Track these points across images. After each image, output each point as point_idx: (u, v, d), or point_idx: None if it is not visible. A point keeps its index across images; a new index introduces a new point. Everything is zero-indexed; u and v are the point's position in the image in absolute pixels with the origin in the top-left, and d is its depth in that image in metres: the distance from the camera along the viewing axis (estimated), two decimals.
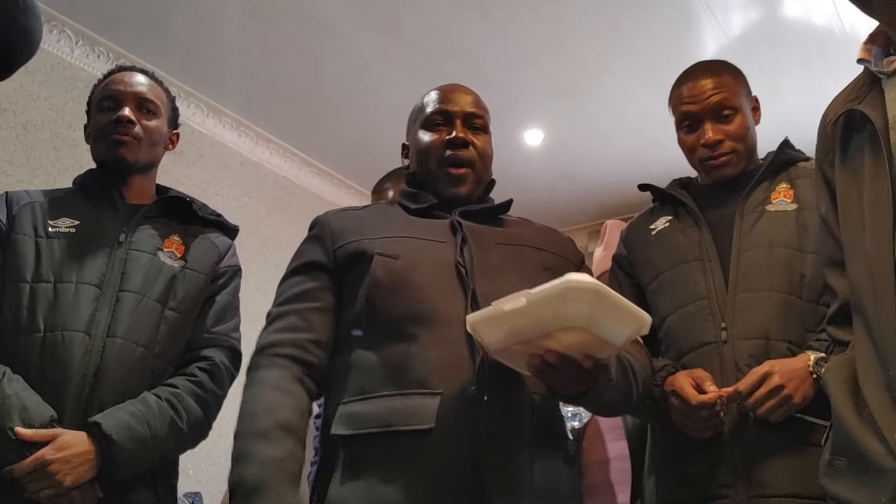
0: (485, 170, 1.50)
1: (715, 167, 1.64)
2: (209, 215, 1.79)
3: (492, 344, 1.13)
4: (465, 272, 1.31)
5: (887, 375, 1.04)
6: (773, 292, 1.50)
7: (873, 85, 1.17)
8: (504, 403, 1.22)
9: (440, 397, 1.20)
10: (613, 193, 5.06)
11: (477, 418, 1.19)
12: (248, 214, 4.40)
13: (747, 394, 1.39)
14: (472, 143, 1.46)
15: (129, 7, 3.47)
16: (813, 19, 3.49)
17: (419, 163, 1.49)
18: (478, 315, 1.12)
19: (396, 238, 1.36)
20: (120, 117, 1.68)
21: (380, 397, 1.24)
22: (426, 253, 1.34)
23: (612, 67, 3.86)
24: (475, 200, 1.49)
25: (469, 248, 1.34)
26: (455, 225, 1.39)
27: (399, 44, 3.67)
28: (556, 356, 1.08)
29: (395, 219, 1.44)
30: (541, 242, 1.47)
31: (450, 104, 1.49)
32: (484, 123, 1.51)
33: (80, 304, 1.53)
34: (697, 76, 1.67)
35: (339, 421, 1.25)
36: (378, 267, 1.30)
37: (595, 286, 1.00)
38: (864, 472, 1.04)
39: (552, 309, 1.03)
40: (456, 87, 1.54)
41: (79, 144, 3.46)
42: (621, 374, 1.25)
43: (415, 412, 1.19)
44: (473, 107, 1.50)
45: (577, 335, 1.05)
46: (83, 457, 1.41)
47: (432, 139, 1.46)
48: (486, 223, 1.45)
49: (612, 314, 1.04)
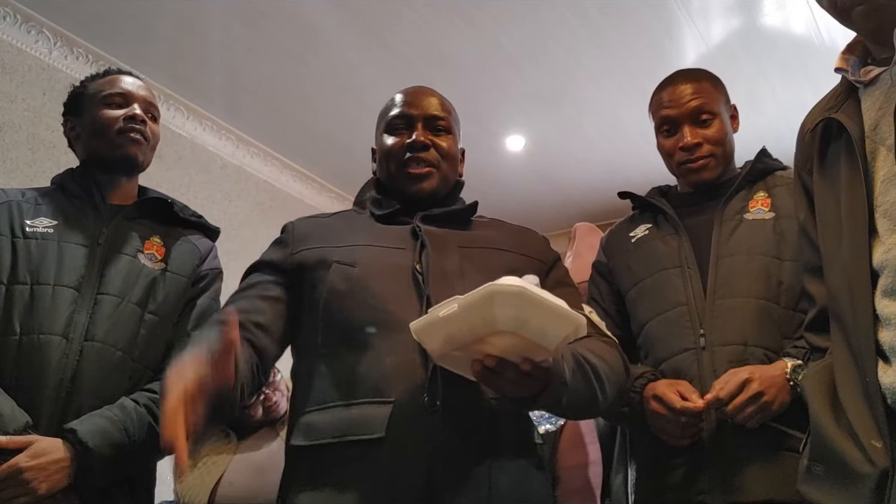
0: (450, 170, 1.49)
1: (693, 170, 1.66)
2: (190, 217, 1.78)
3: (434, 350, 1.13)
4: (422, 278, 1.30)
5: (864, 382, 1.05)
6: (750, 299, 1.52)
7: (850, 94, 1.19)
8: (458, 411, 1.21)
9: (392, 405, 1.20)
10: (594, 199, 5.09)
11: (428, 427, 1.19)
12: (229, 218, 4.37)
13: (727, 400, 1.40)
14: (433, 144, 1.46)
15: (109, 8, 3.44)
16: (791, 29, 3.53)
17: (382, 167, 1.50)
18: (418, 322, 1.12)
19: (356, 246, 1.37)
20: (136, 115, 1.67)
21: (335, 407, 1.24)
22: (384, 260, 1.35)
23: (594, 74, 3.89)
24: (442, 202, 1.48)
25: (427, 253, 1.34)
26: (415, 230, 1.39)
27: (383, 49, 3.67)
28: (495, 360, 1.08)
29: (359, 226, 1.45)
30: (508, 244, 1.45)
31: (411, 108, 1.49)
32: (447, 125, 1.50)
33: (57, 306, 1.51)
34: (677, 82, 1.70)
35: (298, 431, 1.26)
36: (335, 274, 1.31)
37: (520, 290, 1.00)
38: (842, 477, 1.05)
39: (481, 314, 1.03)
40: (419, 90, 1.54)
41: (56, 146, 3.43)
42: (581, 378, 1.23)
43: (366, 421, 1.19)
44: (436, 109, 1.50)
45: (509, 339, 1.05)
46: (58, 464, 1.39)
47: (393, 143, 1.47)
48: (451, 226, 1.45)
49: (541, 316, 1.04)
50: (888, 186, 1.07)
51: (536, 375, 1.11)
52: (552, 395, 1.16)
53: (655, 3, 3.37)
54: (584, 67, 3.83)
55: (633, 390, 1.53)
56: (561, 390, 1.16)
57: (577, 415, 1.54)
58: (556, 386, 1.15)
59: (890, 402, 1.03)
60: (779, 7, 3.40)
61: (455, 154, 1.51)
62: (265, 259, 1.43)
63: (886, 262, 1.05)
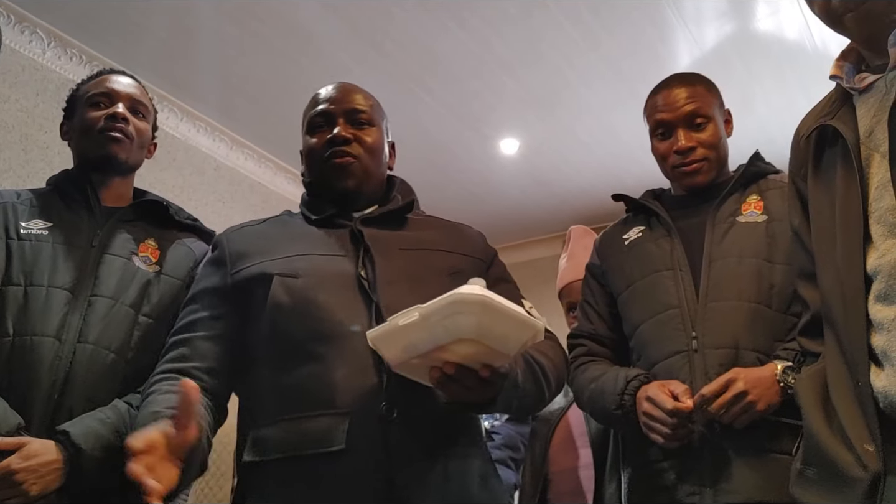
0: (374, 163, 1.46)
1: (686, 174, 1.67)
2: (185, 220, 1.78)
3: (392, 359, 1.13)
4: (368, 285, 1.29)
5: (857, 386, 1.06)
6: (742, 302, 1.52)
7: (845, 101, 1.19)
8: (415, 418, 1.21)
9: (349, 417, 1.18)
10: (588, 202, 5.10)
11: (388, 436, 1.19)
12: (222, 220, 4.34)
13: (711, 398, 1.40)
14: (356, 138, 1.43)
15: (103, 9, 3.43)
16: (785, 34, 3.55)
17: (308, 167, 1.49)
18: (376, 331, 1.12)
19: (296, 256, 1.34)
20: (116, 114, 1.66)
21: (288, 420, 1.22)
22: (327, 268, 1.32)
23: (588, 78, 3.89)
24: (375, 199, 1.47)
25: (371, 259, 1.32)
26: (356, 234, 1.37)
27: (377, 52, 3.67)
28: (455, 368, 1.08)
29: (295, 233, 1.42)
30: (448, 244, 1.44)
31: (330, 104, 1.46)
32: (369, 118, 1.47)
33: (50, 308, 1.50)
34: (672, 86, 1.71)
35: (250, 448, 1.24)
36: (277, 288, 1.28)
37: (482, 299, 1.01)
38: (834, 481, 1.06)
39: (443, 322, 1.04)
40: (339, 86, 1.51)
41: (49, 147, 3.42)
42: (531, 379, 1.25)
43: (325, 435, 1.18)
44: (356, 103, 1.47)
45: (470, 346, 1.06)
46: (50, 466, 1.38)
47: (315, 141, 1.45)
48: (390, 227, 1.43)
49: (502, 324, 1.05)
50: (882, 193, 1.07)
51: (494, 381, 1.12)
52: (505, 400, 1.17)
53: (649, 8, 3.38)
54: (577, 71, 3.84)
55: (626, 392, 1.54)
56: (514, 394, 1.18)
57: (524, 414, 1.56)
58: (510, 390, 1.16)
59: (882, 407, 1.03)
60: (772, 12, 3.42)
61: (380, 147, 1.48)
62: (203, 286, 1.40)
63: (880, 268, 1.05)
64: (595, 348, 1.74)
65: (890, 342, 1.02)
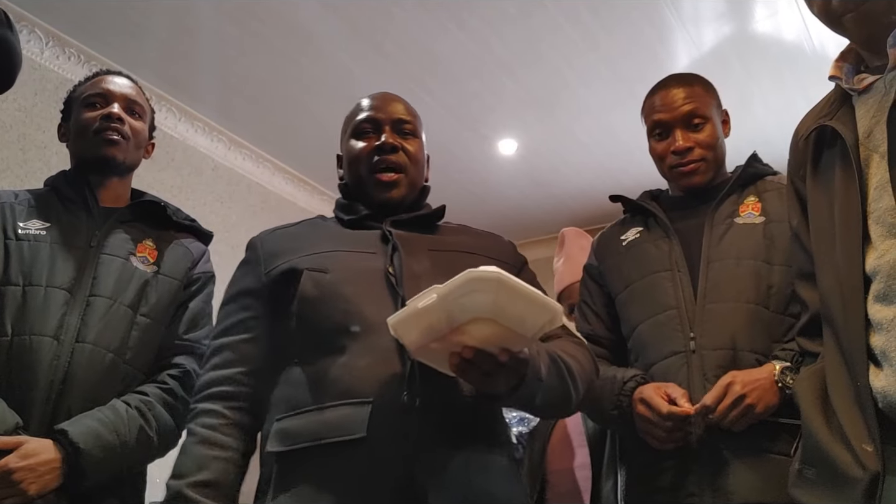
0: (417, 174, 1.50)
1: (684, 174, 1.67)
2: (183, 220, 1.78)
3: (412, 344, 1.13)
4: (395, 280, 1.30)
5: (856, 386, 1.06)
6: (740, 303, 1.52)
7: (844, 101, 1.19)
8: (437, 409, 1.21)
9: (371, 406, 1.19)
10: (586, 203, 5.10)
11: (409, 425, 1.19)
12: (220, 220, 4.36)
13: (714, 406, 1.40)
14: (401, 147, 1.46)
15: (102, 8, 3.43)
16: (783, 35, 3.55)
17: (350, 172, 1.50)
18: (396, 316, 1.12)
19: (326, 253, 1.36)
20: (111, 114, 1.66)
21: (311, 411, 1.23)
22: (356, 264, 1.34)
23: (587, 78, 3.90)
24: (409, 206, 1.49)
25: (399, 256, 1.34)
26: (386, 234, 1.39)
27: (376, 52, 3.67)
28: (473, 351, 1.08)
29: (327, 233, 1.44)
30: (477, 247, 1.46)
31: (378, 112, 1.49)
32: (413, 129, 1.51)
33: (49, 308, 1.50)
34: (669, 86, 1.71)
35: (273, 438, 1.25)
36: (306, 282, 1.30)
37: (498, 275, 1.02)
38: (833, 481, 1.06)
39: (459, 301, 1.04)
40: (385, 95, 1.54)
41: (47, 147, 3.41)
42: (555, 375, 1.24)
43: (346, 423, 1.19)
44: (402, 113, 1.51)
45: (487, 327, 1.06)
46: (49, 465, 1.38)
47: (362, 146, 1.47)
48: (420, 231, 1.45)
49: (518, 303, 1.05)
50: (881, 193, 1.07)
51: (513, 367, 1.12)
52: (528, 392, 1.17)
53: (648, 9, 3.38)
54: (576, 71, 3.84)
55: (622, 393, 1.54)
56: (537, 386, 1.17)
57: (551, 413, 1.55)
58: (532, 382, 1.16)
59: (881, 406, 1.03)
60: (770, 14, 3.42)
61: (422, 158, 1.52)
62: (240, 288, 1.42)
63: (879, 268, 1.05)
64: (593, 349, 1.74)
65: (889, 342, 1.02)
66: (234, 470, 1.28)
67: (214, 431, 1.28)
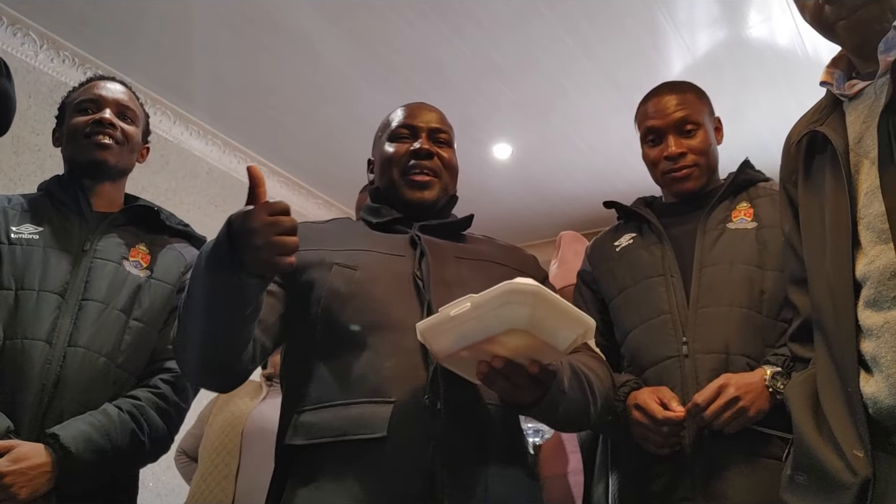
0: (451, 181, 1.52)
1: (676, 179, 1.68)
2: (177, 225, 1.78)
3: (440, 351, 1.13)
4: (422, 284, 1.32)
5: (847, 392, 1.06)
6: (733, 307, 1.53)
7: (835, 107, 1.20)
8: (458, 413, 1.22)
9: (393, 405, 1.20)
10: (580, 208, 5.11)
11: (430, 427, 1.19)
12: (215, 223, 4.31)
13: (705, 406, 1.41)
14: (436, 154, 1.48)
15: (96, 11, 3.43)
16: (776, 41, 3.57)
17: (383, 173, 1.51)
18: (426, 322, 1.12)
19: (357, 251, 1.37)
20: (102, 119, 1.67)
21: (334, 406, 1.23)
22: (385, 266, 1.35)
23: (582, 84, 3.91)
24: (437, 214, 1.50)
25: (427, 261, 1.35)
26: (414, 239, 1.40)
27: (372, 56, 3.67)
28: (503, 361, 1.08)
29: (356, 233, 1.45)
30: (502, 258, 1.48)
31: (415, 119, 1.52)
32: (448, 138, 1.54)
33: (41, 312, 1.50)
34: (663, 93, 1.72)
35: (294, 431, 1.25)
36: (336, 276, 1.31)
37: (536, 289, 1.01)
38: (824, 487, 1.06)
39: (495, 312, 1.03)
40: (422, 105, 1.57)
41: (41, 149, 3.40)
42: (577, 388, 1.25)
43: (367, 421, 1.19)
44: (438, 122, 1.53)
45: (521, 338, 1.06)
46: (40, 469, 1.38)
47: (397, 149, 1.49)
48: (447, 238, 1.47)
49: (554, 317, 1.05)
50: (871, 199, 1.08)
51: (542, 379, 1.12)
52: (550, 403, 1.16)
53: (643, 15, 3.40)
54: (571, 78, 3.85)
55: (616, 398, 1.54)
56: (559, 398, 1.17)
57: (569, 426, 1.55)
58: (555, 393, 1.16)
59: (871, 412, 1.03)
60: (764, 20, 3.44)
61: (456, 166, 1.54)
62: None
63: (869, 274, 1.06)
64: None
65: (879, 348, 1.03)
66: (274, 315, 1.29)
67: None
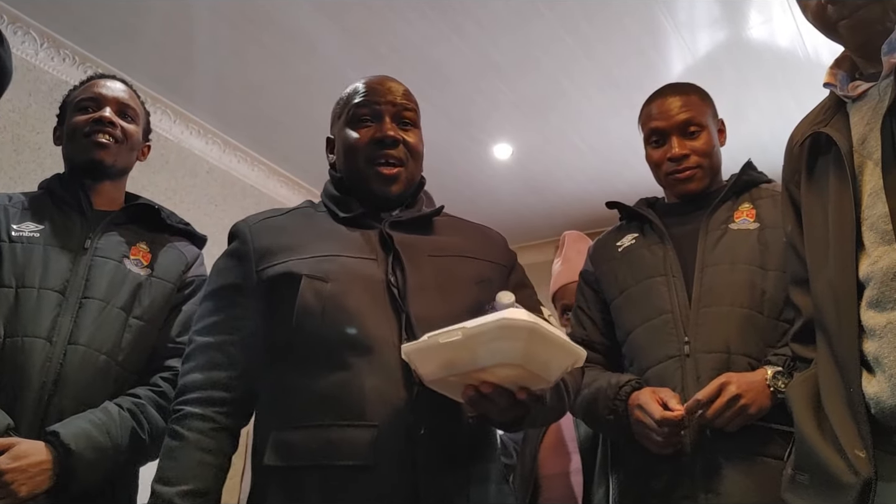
0: (416, 168, 1.42)
1: (680, 181, 1.68)
2: (177, 224, 1.78)
3: (426, 374, 1.12)
4: (398, 293, 1.26)
5: (848, 392, 1.06)
6: (734, 307, 1.53)
7: (839, 108, 1.20)
8: (441, 435, 1.20)
9: (376, 430, 1.16)
10: (580, 208, 5.11)
11: (413, 452, 1.17)
12: (214, 223, 4.35)
13: (706, 403, 1.41)
14: (402, 140, 1.38)
15: (96, 10, 3.42)
16: (777, 42, 3.57)
17: (346, 161, 1.41)
18: (413, 346, 1.10)
19: (325, 257, 1.29)
20: (102, 118, 1.67)
21: (314, 427, 1.19)
22: (356, 272, 1.28)
23: (582, 84, 3.91)
24: (405, 201, 1.43)
25: (401, 266, 1.29)
26: (385, 238, 1.34)
27: (371, 55, 3.67)
28: (492, 388, 1.06)
29: (322, 230, 1.37)
30: (473, 250, 1.41)
31: (377, 96, 1.40)
32: (414, 117, 1.42)
33: (41, 310, 1.50)
34: (666, 95, 1.73)
35: (272, 451, 1.21)
36: (306, 290, 1.24)
37: (531, 325, 0.99)
38: (825, 487, 1.06)
39: (487, 345, 1.01)
40: (384, 79, 1.45)
41: (41, 148, 3.40)
42: (555, 397, 1.24)
43: (351, 447, 1.16)
44: (403, 98, 1.41)
45: (512, 370, 1.04)
46: (40, 467, 1.37)
47: (359, 136, 1.38)
48: (418, 231, 1.39)
49: (548, 351, 1.03)
50: (875, 200, 1.08)
51: (528, 404, 1.10)
52: (532, 418, 1.16)
53: (643, 15, 3.40)
54: (571, 77, 3.85)
55: (618, 398, 1.54)
56: (541, 411, 1.17)
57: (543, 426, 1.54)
58: (539, 409, 1.15)
59: (873, 412, 1.03)
60: (765, 20, 3.44)
61: (421, 150, 1.43)
62: (229, 283, 1.33)
63: (872, 275, 1.06)
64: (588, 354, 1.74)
65: (882, 348, 1.03)
66: (223, 476, 1.24)
67: (202, 436, 1.22)
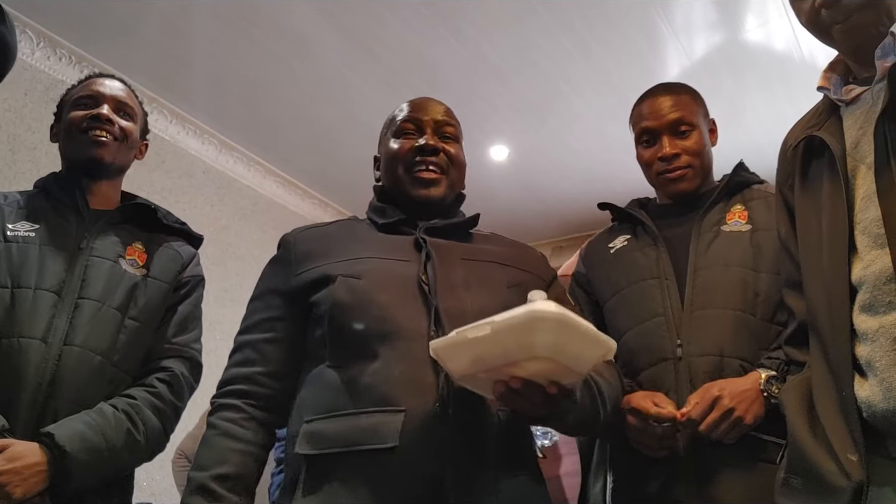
0: (458, 177, 1.50)
1: (670, 180, 1.68)
2: (174, 223, 1.77)
3: (456, 370, 1.11)
4: (429, 289, 1.30)
5: (841, 396, 1.07)
6: (727, 310, 1.53)
7: (832, 112, 1.20)
8: (469, 421, 1.22)
9: (404, 414, 1.19)
10: (576, 210, 5.12)
11: (441, 436, 1.19)
12: (211, 223, 4.35)
13: (700, 420, 1.41)
14: (443, 149, 1.46)
15: (94, 9, 3.42)
16: (773, 45, 3.58)
17: (388, 170, 1.48)
18: (441, 342, 1.10)
19: (360, 259, 1.36)
20: (100, 115, 1.66)
21: (344, 415, 1.23)
22: (389, 271, 1.34)
23: (578, 86, 3.91)
24: (444, 212, 1.48)
25: (433, 265, 1.34)
26: (419, 241, 1.39)
27: (369, 56, 3.67)
28: (522, 383, 1.06)
29: (360, 237, 1.43)
30: (508, 258, 1.46)
31: (420, 112, 1.49)
32: (455, 133, 1.51)
33: (37, 310, 1.50)
34: (657, 94, 1.73)
35: (304, 439, 1.25)
36: (340, 287, 1.30)
37: (560, 315, 0.98)
38: (818, 490, 1.06)
39: (517, 338, 1.01)
40: (427, 99, 1.54)
41: (37, 147, 3.40)
42: (587, 395, 1.24)
43: (378, 430, 1.19)
44: (444, 115, 1.51)
45: (543, 363, 1.03)
46: (34, 468, 1.37)
47: (401, 145, 1.46)
48: (453, 238, 1.44)
49: (578, 342, 1.03)
50: (868, 204, 1.08)
51: (558, 398, 1.10)
52: (562, 414, 1.16)
53: (640, 18, 3.40)
54: (568, 79, 3.86)
55: None
56: (570, 408, 1.17)
57: (579, 431, 1.54)
58: (567, 404, 1.15)
59: (866, 416, 1.04)
60: (761, 24, 3.44)
61: (463, 161, 1.51)
62: (268, 286, 1.43)
63: (865, 278, 1.06)
64: None
65: (874, 352, 1.03)
66: (254, 462, 1.30)
67: (234, 424, 1.30)
